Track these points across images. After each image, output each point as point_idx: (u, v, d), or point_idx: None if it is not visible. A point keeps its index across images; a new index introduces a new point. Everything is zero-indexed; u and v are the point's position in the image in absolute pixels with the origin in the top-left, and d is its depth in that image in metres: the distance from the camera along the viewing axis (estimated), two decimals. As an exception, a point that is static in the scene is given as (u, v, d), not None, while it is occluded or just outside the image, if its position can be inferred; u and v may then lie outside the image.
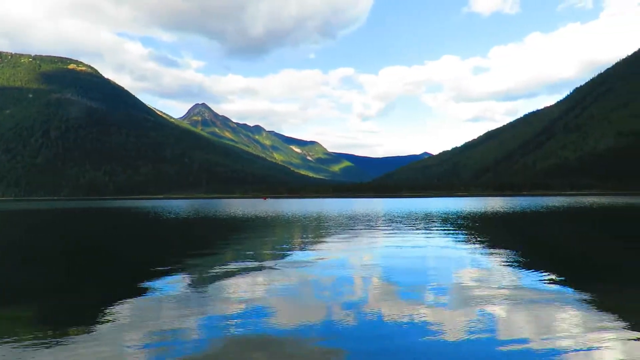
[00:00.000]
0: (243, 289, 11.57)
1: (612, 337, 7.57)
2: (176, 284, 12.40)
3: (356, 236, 24.95)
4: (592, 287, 11.61)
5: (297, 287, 11.86)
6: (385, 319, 8.85)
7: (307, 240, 23.95)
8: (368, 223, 35.22)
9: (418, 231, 27.77)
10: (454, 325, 8.32)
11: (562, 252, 19.74)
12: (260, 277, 13.09)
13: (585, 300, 10.13)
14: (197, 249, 21.09)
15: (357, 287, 11.81)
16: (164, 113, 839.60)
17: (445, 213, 50.40)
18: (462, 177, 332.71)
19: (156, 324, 8.58)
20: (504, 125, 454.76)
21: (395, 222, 36.42)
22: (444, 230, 28.71)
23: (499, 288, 11.38)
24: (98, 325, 8.52)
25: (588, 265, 15.78)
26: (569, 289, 11.37)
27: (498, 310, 9.34)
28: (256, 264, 15.50)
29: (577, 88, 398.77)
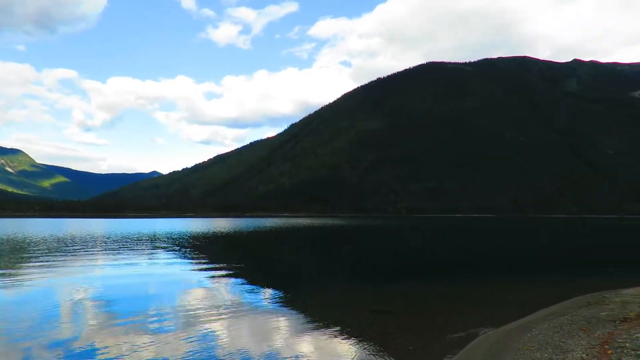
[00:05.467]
0: None
1: (312, 342, 9.10)
2: None
3: (68, 262, 21.94)
4: (300, 298, 13.63)
5: (-16, 330, 9.61)
6: (101, 354, 8.13)
7: None
8: (84, 246, 31.48)
9: (142, 254, 26.53)
10: (178, 349, 8.35)
11: (276, 267, 22.33)
12: None
13: (293, 308, 11.81)
14: None
15: (68, 322, 10.40)
16: None
17: (172, 234, 49.80)
18: (191, 197, 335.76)
19: None
20: (232, 150, 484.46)
21: (117, 244, 33.75)
22: (171, 251, 28.35)
23: (221, 306, 12.01)
24: None
25: (297, 278, 18.41)
26: (281, 301, 13.01)
27: (221, 328, 9.87)
28: None
29: (292, 124, 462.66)
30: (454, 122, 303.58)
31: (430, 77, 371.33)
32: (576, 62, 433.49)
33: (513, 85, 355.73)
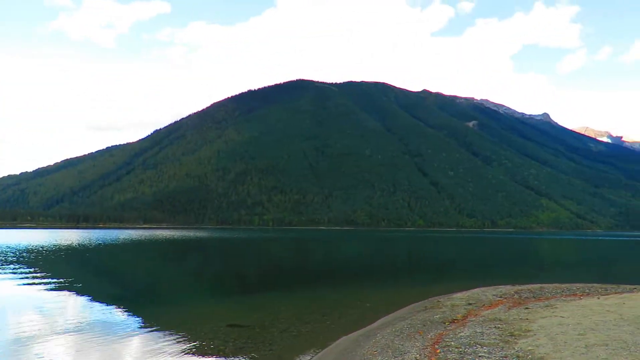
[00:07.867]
0: None
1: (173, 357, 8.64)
2: None
3: None
4: (154, 316, 12.81)
5: None
6: None
7: None
8: None
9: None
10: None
11: (128, 283, 20.67)
12: None
13: (146, 327, 11.06)
14: None
15: None
16: None
17: (2, 247, 42.95)
18: (30, 206, 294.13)
19: None
20: (84, 155, 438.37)
21: None
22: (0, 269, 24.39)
23: (63, 329, 10.76)
24: None
25: (152, 295, 17.26)
26: (134, 320, 12.07)
27: (61, 355, 8.82)
28: None
29: (156, 130, 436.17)
30: (319, 137, 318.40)
31: (299, 93, 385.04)
32: (425, 92, 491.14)
33: (372, 107, 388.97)
